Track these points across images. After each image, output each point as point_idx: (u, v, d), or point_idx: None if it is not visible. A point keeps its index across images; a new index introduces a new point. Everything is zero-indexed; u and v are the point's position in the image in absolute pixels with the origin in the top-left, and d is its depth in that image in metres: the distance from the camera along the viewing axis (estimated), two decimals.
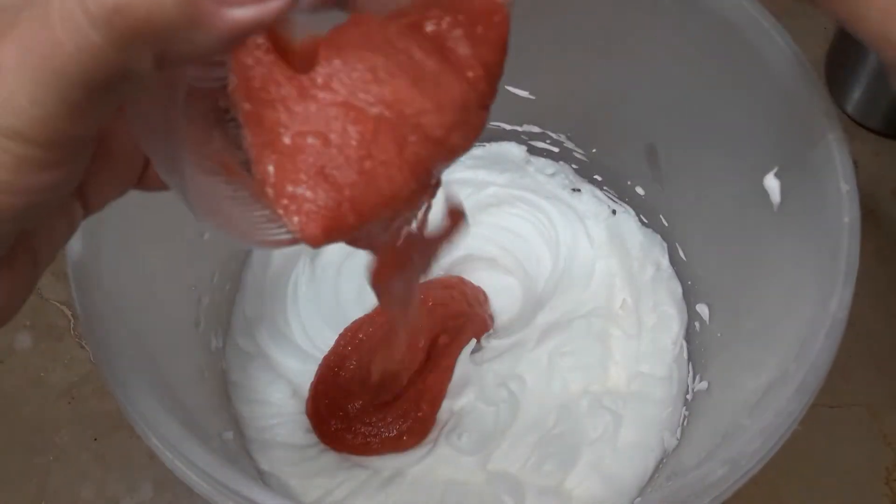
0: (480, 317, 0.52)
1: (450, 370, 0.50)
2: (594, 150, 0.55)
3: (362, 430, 0.48)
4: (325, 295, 0.53)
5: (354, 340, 0.51)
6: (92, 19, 0.17)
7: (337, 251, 0.55)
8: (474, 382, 0.50)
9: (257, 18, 0.18)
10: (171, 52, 0.18)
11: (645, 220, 0.55)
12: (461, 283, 0.53)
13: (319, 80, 0.23)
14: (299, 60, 0.21)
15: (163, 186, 0.24)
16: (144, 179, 0.25)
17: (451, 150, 0.24)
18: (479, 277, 0.54)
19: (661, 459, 0.47)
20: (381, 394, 0.48)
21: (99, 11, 0.17)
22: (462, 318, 0.51)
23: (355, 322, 0.51)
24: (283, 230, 0.24)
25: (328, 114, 0.23)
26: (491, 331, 0.52)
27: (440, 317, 0.50)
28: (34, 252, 0.23)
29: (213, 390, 0.48)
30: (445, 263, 0.55)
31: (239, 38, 0.18)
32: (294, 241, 0.24)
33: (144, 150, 0.22)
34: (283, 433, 0.49)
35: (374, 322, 0.51)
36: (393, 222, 0.26)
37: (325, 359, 0.50)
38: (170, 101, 0.20)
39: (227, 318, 0.52)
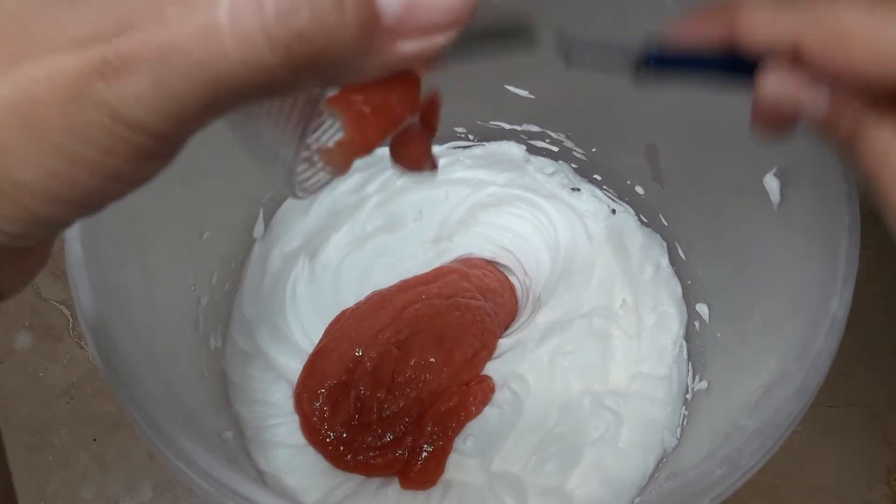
0: (503, 307, 0.52)
1: None
2: (594, 150, 0.55)
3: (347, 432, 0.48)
4: (324, 295, 0.53)
5: (330, 332, 0.51)
6: (271, 41, 0.17)
7: (336, 252, 0.55)
8: None
9: (422, 52, 0.18)
10: (337, 75, 0.18)
11: (645, 220, 0.55)
12: (469, 276, 0.53)
13: None
14: None
15: None
16: None
17: None
18: None
19: (661, 459, 0.47)
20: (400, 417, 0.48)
21: (280, 36, 0.17)
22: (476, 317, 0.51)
23: (337, 315, 0.52)
24: (319, 171, 0.24)
25: None
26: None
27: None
28: None
29: (213, 390, 0.48)
30: (446, 263, 0.55)
31: (400, 67, 0.19)
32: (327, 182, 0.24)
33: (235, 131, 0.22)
34: (283, 433, 0.48)
35: (355, 312, 0.51)
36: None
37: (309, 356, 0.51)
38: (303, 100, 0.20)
39: (226, 318, 0.52)
